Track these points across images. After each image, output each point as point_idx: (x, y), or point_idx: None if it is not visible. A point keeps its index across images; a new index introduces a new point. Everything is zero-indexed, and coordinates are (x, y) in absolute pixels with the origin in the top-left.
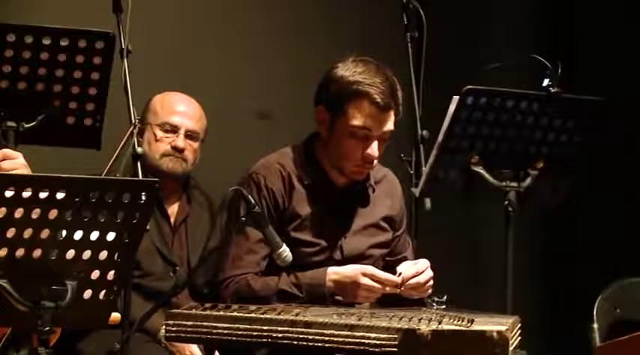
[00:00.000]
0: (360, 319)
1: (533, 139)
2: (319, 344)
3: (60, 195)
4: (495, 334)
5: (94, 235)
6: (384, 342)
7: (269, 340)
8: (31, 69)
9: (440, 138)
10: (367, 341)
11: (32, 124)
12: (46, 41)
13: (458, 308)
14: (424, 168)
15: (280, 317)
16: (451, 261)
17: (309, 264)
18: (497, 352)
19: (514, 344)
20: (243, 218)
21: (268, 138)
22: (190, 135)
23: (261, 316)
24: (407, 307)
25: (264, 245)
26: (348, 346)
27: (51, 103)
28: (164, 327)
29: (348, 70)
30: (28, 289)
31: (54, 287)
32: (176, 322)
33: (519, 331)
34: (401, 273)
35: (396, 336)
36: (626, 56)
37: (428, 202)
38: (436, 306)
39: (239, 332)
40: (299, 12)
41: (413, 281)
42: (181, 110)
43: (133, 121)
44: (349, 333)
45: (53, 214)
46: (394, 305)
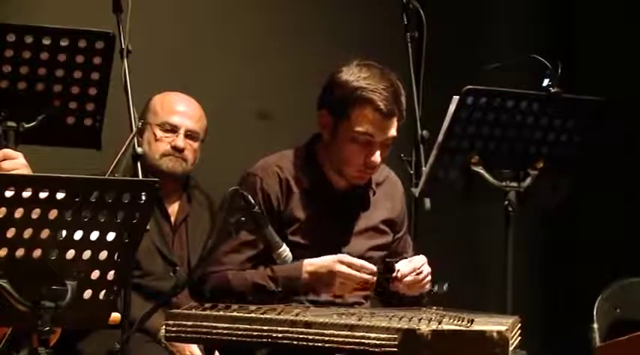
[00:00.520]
0: (360, 319)
1: (533, 139)
2: (319, 344)
3: (60, 195)
4: (495, 334)
5: (94, 235)
6: (384, 342)
7: (269, 340)
8: (31, 69)
9: (440, 138)
10: (367, 341)
11: (32, 124)
12: (46, 41)
13: (458, 308)
14: (424, 168)
15: (280, 317)
16: (451, 261)
17: None
18: (497, 352)
19: (514, 344)
20: (242, 218)
21: (268, 138)
22: (190, 135)
23: (261, 316)
24: (407, 307)
25: (251, 248)
26: (348, 346)
27: (51, 103)
28: (164, 327)
29: (353, 75)
30: (28, 289)
31: (54, 287)
32: (176, 322)
33: (519, 331)
34: (399, 270)
35: (396, 336)
36: (626, 56)
37: (428, 202)
38: (436, 291)
39: (239, 332)
40: (299, 12)
41: (410, 277)
42: (181, 110)
43: (137, 123)
44: (349, 333)
45: (53, 214)
46: (394, 305)
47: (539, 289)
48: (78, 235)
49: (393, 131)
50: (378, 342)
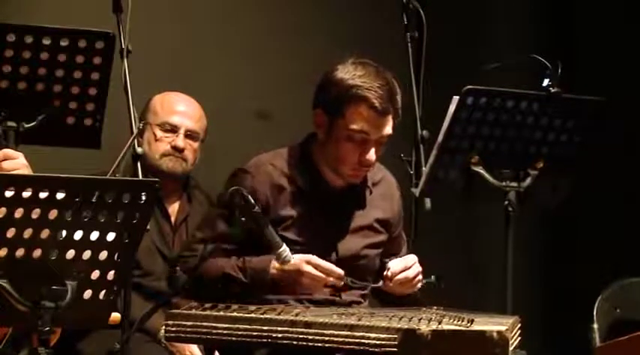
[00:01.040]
0: (360, 319)
1: (533, 139)
2: (319, 344)
3: (60, 195)
4: (495, 334)
5: (94, 235)
6: (384, 342)
7: (269, 340)
8: (31, 69)
9: (440, 138)
10: (367, 341)
11: (32, 124)
12: (46, 41)
13: (458, 308)
14: (424, 168)
15: (280, 317)
16: (451, 261)
17: None
18: (497, 352)
19: (514, 344)
20: (242, 218)
21: (268, 138)
22: (190, 135)
23: (261, 316)
24: (406, 307)
25: (227, 240)
26: (348, 346)
27: (51, 103)
28: (164, 327)
29: (348, 73)
30: (28, 289)
31: (54, 287)
32: (176, 322)
33: (519, 331)
34: (389, 268)
35: (396, 336)
36: (626, 56)
37: (428, 202)
38: (426, 282)
39: (239, 332)
40: (299, 12)
41: (401, 276)
42: (181, 110)
43: (137, 124)
44: (349, 333)
45: (53, 214)
46: (393, 304)
47: (539, 289)
48: (78, 235)
49: (389, 129)
50: (378, 342)
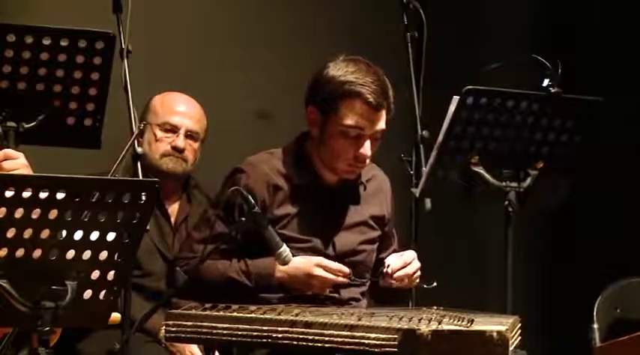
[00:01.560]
0: (360, 319)
1: (533, 139)
2: (319, 344)
3: (60, 195)
4: (495, 334)
5: (94, 235)
6: (384, 342)
7: (269, 340)
8: (31, 69)
9: (440, 138)
10: (367, 341)
11: (32, 124)
12: (46, 41)
13: (458, 308)
14: (424, 168)
15: (280, 317)
16: (451, 261)
17: None
18: (497, 352)
19: (514, 344)
20: (243, 219)
21: (268, 138)
22: (190, 135)
23: (261, 316)
24: (405, 307)
25: (222, 240)
26: (348, 346)
27: (51, 103)
28: (164, 327)
29: (340, 70)
30: (28, 289)
31: (54, 287)
32: (176, 322)
33: (519, 331)
34: (389, 265)
35: (396, 336)
36: (626, 56)
37: (428, 202)
38: (425, 286)
39: (239, 332)
40: (299, 12)
41: (401, 272)
42: (181, 110)
43: (137, 124)
44: (349, 333)
45: (53, 214)
46: (387, 303)
47: (539, 289)
48: (78, 235)
49: (382, 124)
50: (378, 342)
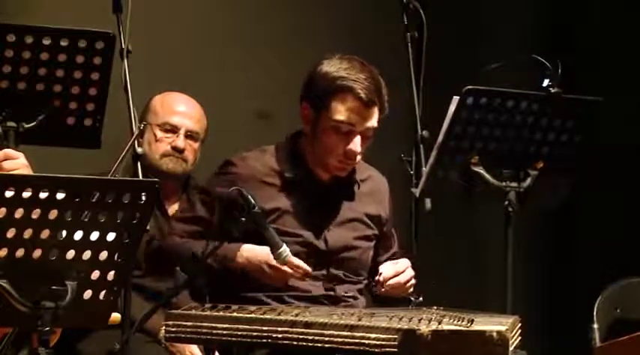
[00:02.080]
0: (360, 319)
1: (533, 139)
2: (319, 344)
3: (60, 195)
4: (495, 334)
5: (94, 235)
6: (384, 342)
7: (269, 340)
8: (31, 69)
9: (440, 138)
10: (367, 341)
11: (32, 124)
12: (46, 41)
13: (458, 308)
14: (424, 168)
15: (280, 317)
16: (451, 261)
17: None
18: (497, 352)
19: (514, 344)
20: (242, 219)
21: (268, 138)
22: (190, 135)
23: (261, 316)
24: (405, 307)
25: (200, 224)
26: (348, 346)
27: (51, 103)
28: (164, 327)
29: (333, 66)
30: (28, 289)
31: (54, 287)
32: (176, 322)
33: (519, 331)
34: (382, 273)
35: (396, 336)
36: (626, 56)
37: (428, 202)
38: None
39: (239, 332)
40: (299, 12)
41: (393, 281)
42: (181, 110)
43: (138, 125)
44: (349, 333)
45: (53, 214)
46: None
47: (539, 289)
48: (78, 235)
49: (374, 121)
50: (378, 342)
